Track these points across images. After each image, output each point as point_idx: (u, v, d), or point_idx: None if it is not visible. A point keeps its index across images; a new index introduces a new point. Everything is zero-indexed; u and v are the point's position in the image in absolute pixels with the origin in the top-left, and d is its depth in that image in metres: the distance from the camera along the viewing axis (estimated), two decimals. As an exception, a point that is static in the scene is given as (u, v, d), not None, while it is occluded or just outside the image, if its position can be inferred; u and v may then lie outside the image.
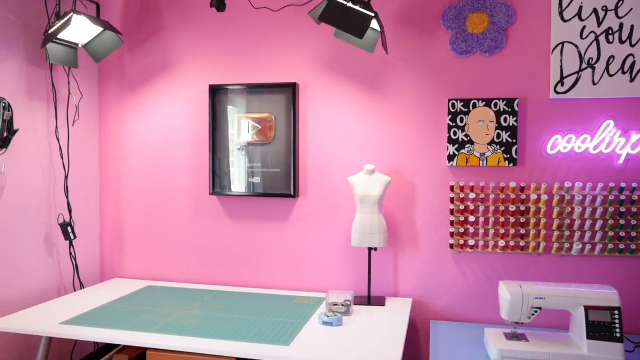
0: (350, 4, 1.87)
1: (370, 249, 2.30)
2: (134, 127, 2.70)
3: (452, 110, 2.26)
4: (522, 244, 2.21)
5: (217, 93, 2.55)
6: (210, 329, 1.91)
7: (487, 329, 1.97)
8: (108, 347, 2.28)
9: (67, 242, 2.52)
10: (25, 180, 2.28)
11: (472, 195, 2.24)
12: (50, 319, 2.01)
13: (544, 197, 2.16)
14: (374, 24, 2.07)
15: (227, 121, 2.55)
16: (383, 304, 2.24)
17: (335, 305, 2.09)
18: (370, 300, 2.29)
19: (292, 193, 2.45)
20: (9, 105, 2.03)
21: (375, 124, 2.39)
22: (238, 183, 2.55)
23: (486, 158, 2.24)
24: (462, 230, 2.27)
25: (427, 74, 2.32)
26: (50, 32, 2.17)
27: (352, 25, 1.86)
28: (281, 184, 2.48)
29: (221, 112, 2.55)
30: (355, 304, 2.24)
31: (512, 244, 2.21)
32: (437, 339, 2.05)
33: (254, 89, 2.51)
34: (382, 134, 2.39)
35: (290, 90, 2.45)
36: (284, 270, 2.53)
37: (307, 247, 2.49)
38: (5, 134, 2.02)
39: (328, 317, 1.96)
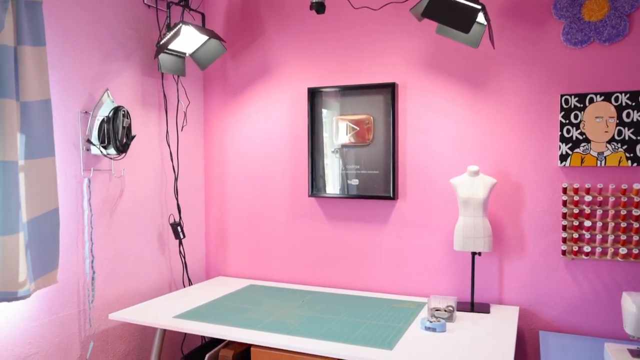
0: (454, -1, 1.80)
1: (473, 254, 2.20)
2: (235, 131, 2.81)
3: (564, 106, 2.10)
4: (648, 251, 2.01)
5: (315, 96, 2.57)
6: (312, 329, 1.93)
7: (608, 343, 1.80)
8: (214, 342, 2.38)
9: (177, 240, 2.68)
10: (141, 182, 2.45)
11: (588, 198, 2.07)
12: (164, 313, 2.14)
13: (676, 200, 1.94)
14: (480, 17, 1.97)
15: (322, 123, 2.57)
16: (487, 311, 2.13)
17: (437, 310, 2.02)
18: (474, 306, 2.19)
19: (392, 195, 2.41)
20: (128, 113, 2.19)
21: (479, 123, 2.29)
22: (332, 185, 2.56)
23: (604, 157, 2.05)
24: (576, 235, 2.10)
25: (537, 68, 2.18)
26: (161, 43, 2.32)
27: (458, 19, 1.78)
28: (380, 185, 2.45)
29: (317, 114, 2.58)
30: (457, 310, 2.15)
31: (635, 251, 2.01)
32: (548, 351, 1.91)
33: (351, 90, 2.50)
34: (486, 134, 2.27)
35: (389, 90, 2.42)
36: (383, 273, 2.50)
37: (406, 250, 2.44)
38: (125, 140, 2.18)
39: (431, 322, 1.90)
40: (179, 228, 2.59)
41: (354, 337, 1.84)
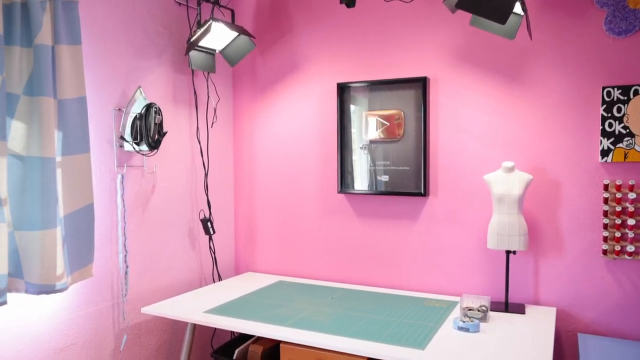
0: (490, -11, 1.74)
1: (508, 252, 2.14)
2: (264, 127, 2.81)
3: (606, 99, 2.02)
4: (695, 251, 1.91)
5: (344, 91, 2.55)
6: (342, 327, 1.91)
7: (652, 347, 1.72)
8: (244, 337, 2.39)
9: (207, 236, 2.70)
10: (172, 178, 2.48)
11: (632, 195, 1.98)
12: (195, 308, 2.15)
13: None
14: (517, 7, 1.91)
15: (350, 119, 2.54)
16: (522, 312, 2.07)
17: (470, 310, 1.97)
18: (508, 306, 2.13)
19: (422, 191, 2.37)
20: (159, 109, 2.22)
21: (514, 117, 2.22)
22: (360, 181, 2.53)
23: (649, 152, 1.96)
24: (618, 234, 2.02)
25: (576, 59, 2.09)
26: (192, 39, 2.33)
27: (494, 10, 1.72)
28: (410, 182, 2.41)
29: (346, 110, 2.55)
30: (491, 310, 2.10)
31: (682, 251, 1.91)
32: (588, 355, 1.84)
33: (381, 85, 2.46)
34: (521, 129, 2.20)
35: (420, 85, 2.37)
36: (413, 271, 2.46)
37: (438, 248, 2.40)
38: (156, 136, 2.21)
39: (464, 322, 1.86)
40: (209, 224, 2.61)
41: (384, 336, 1.81)
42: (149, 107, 2.18)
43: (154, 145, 2.21)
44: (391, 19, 2.45)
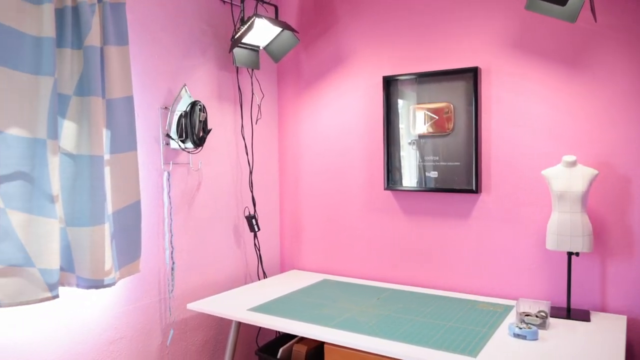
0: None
1: (570, 254, 1.99)
2: (309, 123, 2.77)
3: (681, 85, 1.83)
4: None
5: (390, 84, 2.46)
6: (388, 329, 1.84)
7: None
8: (288, 336, 2.36)
9: (252, 233, 2.69)
10: (217, 175, 2.49)
11: None
12: (239, 305, 2.14)
13: None
14: (577, -12, 1.76)
15: (397, 113, 2.45)
16: (587, 319, 1.91)
17: (527, 315, 1.84)
18: (571, 313, 1.98)
19: (474, 188, 2.25)
20: (204, 107, 2.22)
21: (577, 108, 2.06)
22: (409, 178, 2.44)
23: None
24: (695, 234, 1.83)
25: (645, 44, 1.91)
26: (236, 36, 2.32)
27: (551, -8, 1.59)
28: (461, 178, 2.30)
29: (393, 104, 2.46)
30: (551, 316, 1.96)
31: None
32: (662, 367, 1.68)
33: (429, 77, 2.36)
34: (584, 120, 2.04)
35: (471, 75, 2.25)
36: (464, 272, 2.34)
37: (491, 248, 2.27)
38: (201, 134, 2.21)
39: (520, 328, 1.74)
40: (254, 221, 2.60)
41: (433, 341, 1.72)
42: (193, 105, 2.19)
43: (199, 142, 2.21)
44: (439, 8, 2.34)
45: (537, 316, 1.83)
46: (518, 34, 2.16)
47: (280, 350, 2.12)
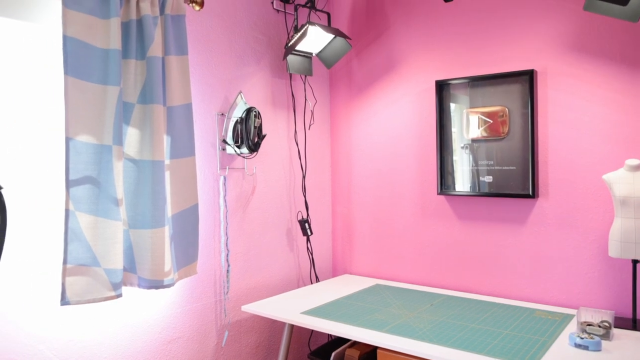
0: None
1: (635, 262, 1.90)
2: (361, 128, 2.78)
3: None
4: None
5: (443, 88, 2.45)
6: (443, 335, 1.82)
7: None
8: (340, 340, 2.37)
9: (305, 237, 2.73)
10: (271, 180, 2.54)
11: None
12: (293, 308, 2.18)
13: None
14: (642, -14, 1.70)
15: (450, 117, 2.43)
16: (653, 330, 1.83)
17: (589, 325, 1.78)
18: (637, 324, 1.89)
19: (531, 193, 2.19)
20: (259, 113, 2.28)
21: (639, 109, 1.97)
22: (462, 182, 2.41)
23: None
24: None
25: None
26: (289, 44, 2.37)
27: (614, -9, 1.54)
28: (517, 183, 2.25)
29: (446, 108, 2.44)
30: (615, 327, 1.88)
31: None
32: None
33: (482, 80, 2.33)
34: (648, 122, 1.96)
35: (526, 78, 2.20)
36: (521, 279, 2.28)
37: (549, 255, 2.20)
38: (256, 139, 2.27)
39: (582, 338, 1.68)
40: (306, 225, 2.63)
41: (489, 349, 1.69)
42: (249, 111, 2.25)
43: (254, 148, 2.27)
44: (492, 11, 2.31)
45: (599, 326, 1.76)
46: (576, 36, 2.10)
47: (333, 354, 2.14)
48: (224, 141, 2.27)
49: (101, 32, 1.76)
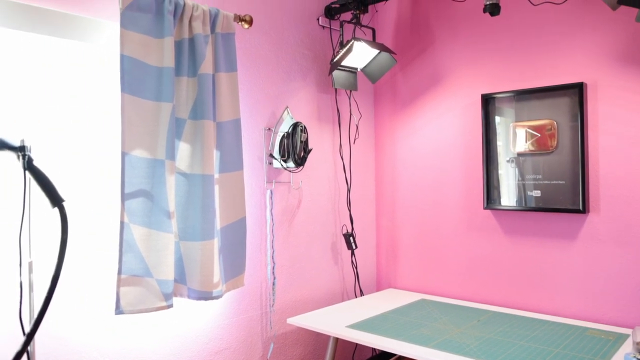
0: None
1: (696, 280, 1.83)
2: (406, 142, 2.79)
3: None
4: None
5: (488, 102, 2.43)
6: (491, 352, 1.79)
7: None
8: (384, 354, 2.36)
9: (349, 251, 2.74)
10: (316, 194, 2.57)
11: None
12: (337, 321, 2.19)
13: None
14: (701, -3, 1.65)
15: (495, 131, 2.40)
16: None
17: (647, 345, 1.71)
18: (698, 345, 1.81)
19: (581, 208, 2.14)
20: (305, 128, 2.32)
21: (698, 122, 1.91)
22: (507, 196, 2.37)
23: None
24: None
25: None
26: (335, 60, 2.41)
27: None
28: (566, 197, 2.20)
29: (491, 122, 2.42)
30: (674, 348, 1.80)
31: None
32: None
33: (529, 94, 2.30)
34: None
35: (575, 91, 2.16)
36: (571, 296, 2.22)
37: (602, 272, 2.14)
38: (302, 154, 2.31)
39: (637, 358, 1.62)
40: (351, 239, 2.64)
41: (541, 366, 1.65)
42: (295, 126, 2.29)
43: (300, 162, 2.31)
44: (540, 23, 2.28)
45: (659, 347, 1.69)
46: (628, 48, 2.05)
47: (378, 368, 2.13)
48: (271, 155, 2.32)
49: (156, 51, 1.84)
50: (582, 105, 2.14)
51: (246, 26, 2.09)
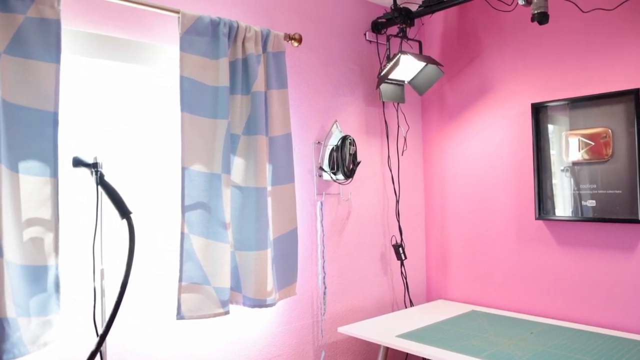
0: None
1: None
2: (454, 153, 2.79)
3: None
4: None
5: (539, 111, 2.40)
6: (544, 366, 1.76)
7: None
8: (436, 366, 2.36)
9: (399, 262, 2.76)
10: (365, 205, 2.62)
11: None
12: (387, 331, 2.21)
13: None
14: None
15: (548, 140, 2.37)
16: None
17: None
18: None
19: (639, 218, 2.07)
20: (354, 141, 2.38)
21: None
22: (562, 207, 2.32)
23: None
24: None
25: None
26: (382, 73, 2.46)
27: None
28: (623, 207, 2.14)
29: (543, 130, 2.39)
30: None
31: None
32: None
33: (582, 102, 2.26)
34: None
35: (631, 98, 2.11)
36: (629, 310, 2.15)
37: (663, 285, 2.06)
38: (351, 166, 2.37)
39: None
40: (400, 249, 2.67)
41: (597, 380, 1.62)
42: (344, 139, 2.36)
43: (349, 174, 2.37)
44: (590, 30, 2.25)
45: None
46: (689, 51, 1.99)
47: (429, 378, 2.13)
48: (321, 168, 2.39)
49: (212, 71, 1.95)
50: (638, 111, 2.08)
51: (296, 44, 2.18)
